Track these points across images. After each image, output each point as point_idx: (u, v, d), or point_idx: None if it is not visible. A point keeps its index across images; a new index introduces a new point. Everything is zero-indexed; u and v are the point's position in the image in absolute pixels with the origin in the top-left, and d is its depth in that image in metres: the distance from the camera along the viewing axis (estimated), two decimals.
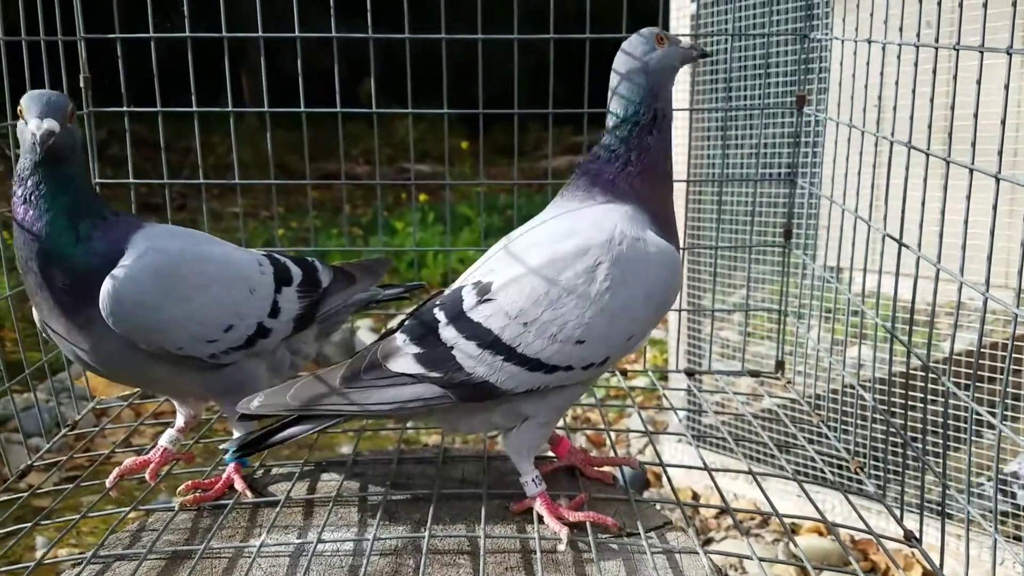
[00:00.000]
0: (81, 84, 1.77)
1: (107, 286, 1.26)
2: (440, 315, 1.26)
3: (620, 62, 1.35)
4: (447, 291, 1.33)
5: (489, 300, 1.24)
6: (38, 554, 2.95)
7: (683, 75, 3.32)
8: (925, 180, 1.30)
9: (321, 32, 1.79)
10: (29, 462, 1.59)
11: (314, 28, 1.78)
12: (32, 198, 1.26)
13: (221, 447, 1.48)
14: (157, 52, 1.79)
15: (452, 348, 1.23)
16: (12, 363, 1.64)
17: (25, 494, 1.46)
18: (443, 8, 1.77)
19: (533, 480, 1.30)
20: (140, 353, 1.31)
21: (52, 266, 1.27)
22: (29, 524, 1.35)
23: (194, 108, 1.82)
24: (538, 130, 7.69)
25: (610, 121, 1.34)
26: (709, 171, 3.24)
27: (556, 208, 1.35)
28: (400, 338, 1.28)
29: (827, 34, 1.90)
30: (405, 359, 1.25)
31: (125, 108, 1.81)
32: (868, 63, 1.53)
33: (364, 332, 4.98)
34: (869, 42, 1.53)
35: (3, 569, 1.27)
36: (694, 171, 3.28)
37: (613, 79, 1.35)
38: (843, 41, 1.68)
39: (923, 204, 1.31)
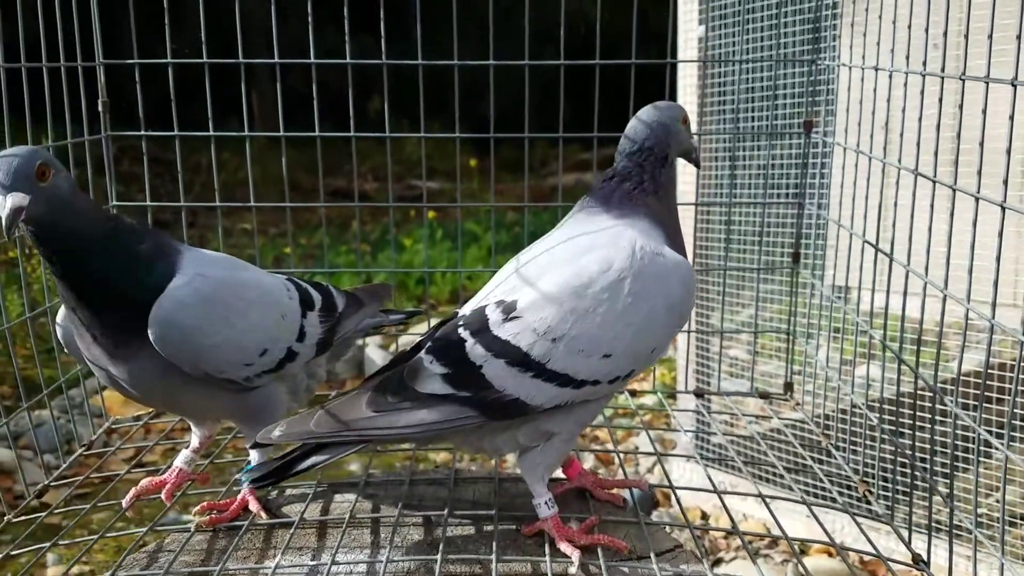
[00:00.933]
0: (100, 108, 1.80)
1: (157, 312, 1.27)
2: (466, 334, 1.27)
3: (648, 114, 1.39)
4: (466, 310, 1.34)
5: (516, 318, 1.25)
6: (48, 572, 2.97)
7: (692, 98, 3.35)
8: (932, 206, 1.32)
9: (332, 50, 1.83)
10: (47, 481, 1.61)
11: (321, 42, 1.80)
12: (65, 277, 1.24)
13: (237, 477, 1.48)
14: (167, 71, 1.81)
15: (481, 367, 1.24)
16: (24, 378, 1.66)
17: (37, 513, 1.47)
18: (455, 34, 1.79)
19: (546, 503, 1.31)
20: (177, 376, 1.33)
21: (100, 299, 1.27)
22: (46, 544, 1.36)
23: (211, 132, 1.85)
24: (545, 147, 7.75)
25: (626, 147, 1.38)
26: (718, 193, 3.26)
27: (573, 226, 1.37)
28: (426, 359, 1.28)
29: (835, 59, 1.92)
30: (433, 380, 1.25)
31: (143, 132, 1.84)
32: (875, 89, 1.55)
33: (373, 349, 5.00)
34: (876, 69, 1.55)
35: None
36: (703, 193, 3.30)
37: (636, 125, 1.39)
38: (850, 68, 1.70)
39: (930, 228, 1.33)
